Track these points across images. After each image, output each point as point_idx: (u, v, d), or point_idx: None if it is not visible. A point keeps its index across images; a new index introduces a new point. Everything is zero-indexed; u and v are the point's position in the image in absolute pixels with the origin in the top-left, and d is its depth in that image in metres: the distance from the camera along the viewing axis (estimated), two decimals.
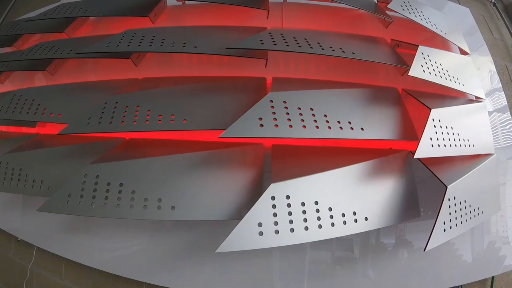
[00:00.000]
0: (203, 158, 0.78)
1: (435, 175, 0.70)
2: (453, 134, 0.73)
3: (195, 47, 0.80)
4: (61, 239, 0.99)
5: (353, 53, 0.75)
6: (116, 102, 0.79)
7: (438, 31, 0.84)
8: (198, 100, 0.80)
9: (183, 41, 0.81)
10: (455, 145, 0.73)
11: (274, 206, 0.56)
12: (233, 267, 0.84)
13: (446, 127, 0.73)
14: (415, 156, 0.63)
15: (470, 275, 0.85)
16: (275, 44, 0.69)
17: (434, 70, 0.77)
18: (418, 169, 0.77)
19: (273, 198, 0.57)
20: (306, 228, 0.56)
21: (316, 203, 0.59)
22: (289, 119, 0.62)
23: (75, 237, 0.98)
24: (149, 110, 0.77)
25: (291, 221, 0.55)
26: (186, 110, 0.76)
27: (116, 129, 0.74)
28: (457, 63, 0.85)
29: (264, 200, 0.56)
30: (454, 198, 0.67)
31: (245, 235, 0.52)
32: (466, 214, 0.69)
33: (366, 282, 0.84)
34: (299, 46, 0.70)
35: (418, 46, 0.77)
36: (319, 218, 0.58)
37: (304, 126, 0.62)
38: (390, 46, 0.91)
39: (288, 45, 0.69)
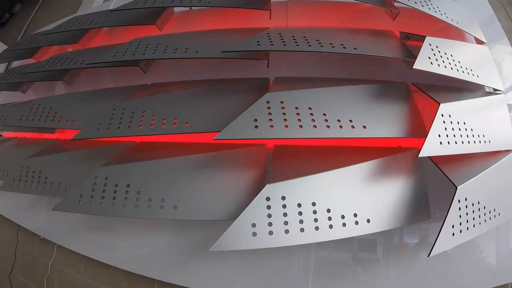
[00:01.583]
0: (206, 160, 0.80)
1: (445, 175, 0.66)
2: (466, 130, 0.69)
3: (197, 52, 0.83)
4: (80, 237, 1.06)
5: (355, 48, 0.73)
6: (124, 108, 0.84)
7: (448, 20, 0.79)
8: (201, 103, 0.82)
9: (185, 46, 0.85)
10: (468, 142, 0.68)
11: (268, 207, 0.56)
12: (254, 266, 0.84)
13: (458, 123, 0.68)
14: (421, 155, 0.60)
15: (495, 279, 0.79)
16: (272, 45, 0.69)
17: (444, 61, 0.72)
18: (434, 168, 0.73)
19: (267, 199, 0.57)
20: (302, 230, 0.56)
21: (314, 204, 0.59)
22: (285, 119, 0.62)
23: (93, 236, 1.05)
24: (154, 115, 0.81)
25: (286, 222, 0.55)
26: (188, 114, 0.79)
27: (124, 134, 0.79)
28: (471, 53, 0.79)
29: (258, 201, 0.56)
30: (466, 199, 0.62)
31: (238, 235, 0.53)
32: (479, 216, 0.64)
33: (386, 284, 0.81)
34: (297, 45, 0.70)
35: (425, 37, 0.73)
36: (316, 220, 0.57)
37: (301, 126, 0.62)
38: (398, 39, 0.88)
39: (285, 45, 0.69)
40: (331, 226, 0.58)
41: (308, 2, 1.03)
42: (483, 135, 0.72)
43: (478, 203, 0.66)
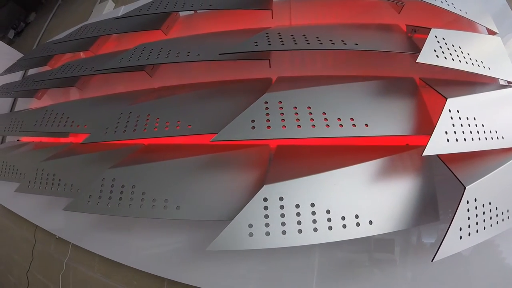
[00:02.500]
0: (208, 161, 0.82)
1: (454, 174, 0.63)
2: (476, 125, 0.65)
3: (198, 55, 0.85)
4: (94, 237, 1.12)
5: (356, 44, 0.72)
6: (130, 112, 0.88)
7: (456, 11, 0.75)
8: (203, 105, 0.84)
9: (187, 50, 0.87)
10: (479, 139, 0.65)
11: (266, 208, 0.57)
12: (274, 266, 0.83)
13: (467, 118, 0.65)
14: (425, 153, 0.57)
15: None
16: (270, 44, 0.70)
17: (451, 54, 0.69)
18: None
19: (265, 199, 0.57)
20: (300, 231, 0.55)
21: (313, 205, 0.58)
22: (283, 119, 0.62)
23: (106, 235, 1.10)
24: (158, 118, 0.84)
25: (283, 223, 0.55)
26: (191, 116, 0.81)
27: (129, 137, 0.83)
28: (482, 45, 0.75)
29: (255, 202, 0.57)
30: (475, 200, 0.59)
31: (235, 235, 0.54)
32: (491, 218, 0.61)
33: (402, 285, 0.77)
34: (295, 44, 0.70)
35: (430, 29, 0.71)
36: (314, 221, 0.57)
37: (299, 126, 0.61)
38: (404, 33, 0.85)
39: (283, 44, 0.70)
40: (330, 228, 0.57)
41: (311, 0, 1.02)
42: (496, 131, 0.68)
43: (490, 203, 0.63)
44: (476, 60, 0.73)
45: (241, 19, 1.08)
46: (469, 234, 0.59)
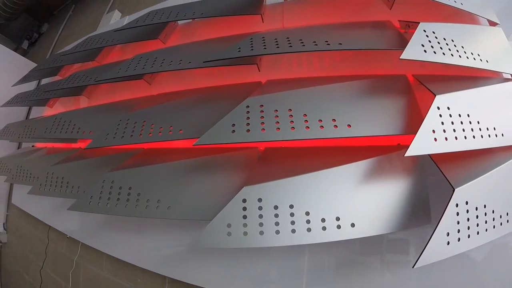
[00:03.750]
0: (199, 163, 0.87)
1: (444, 175, 0.62)
2: (470, 123, 0.63)
3: (190, 62, 0.90)
4: (102, 237, 1.20)
5: (339, 44, 0.72)
6: (128, 119, 0.94)
7: (450, 3, 0.74)
8: (194, 111, 0.89)
9: (179, 58, 0.92)
10: (473, 137, 0.62)
11: (244, 209, 0.59)
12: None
13: (459, 115, 0.63)
14: (407, 154, 0.57)
15: None
16: (252, 49, 0.72)
17: (442, 48, 0.67)
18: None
19: (244, 200, 0.60)
20: (277, 232, 0.57)
21: (291, 206, 0.60)
22: (262, 123, 0.65)
23: (114, 235, 1.18)
24: (152, 124, 0.89)
25: (261, 224, 0.58)
26: (182, 122, 0.86)
27: (127, 142, 0.89)
28: (480, 37, 0.73)
29: (235, 202, 0.60)
30: (466, 203, 0.58)
31: (214, 234, 0.57)
32: (486, 222, 0.59)
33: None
34: (277, 47, 0.72)
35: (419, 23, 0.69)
36: (293, 222, 0.58)
37: (278, 129, 0.64)
38: (396, 29, 0.84)
39: (265, 48, 0.72)
40: (309, 230, 0.58)
41: (303, 2, 1.03)
42: (494, 128, 0.65)
43: (485, 206, 0.61)
44: (472, 53, 0.70)
45: (237, 23, 1.11)
46: (459, 240, 0.57)
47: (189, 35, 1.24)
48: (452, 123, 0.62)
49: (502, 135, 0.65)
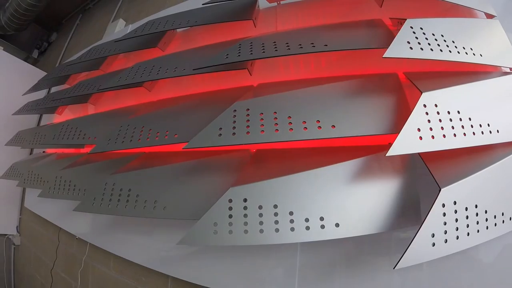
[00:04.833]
0: (193, 166, 0.92)
1: (432, 174, 0.62)
2: (461, 120, 0.62)
3: (184, 69, 0.95)
4: (109, 237, 1.28)
5: (325, 45, 0.74)
6: (128, 125, 1.01)
7: None
8: (188, 116, 0.94)
9: (175, 66, 0.97)
10: (464, 134, 0.62)
11: (230, 208, 0.63)
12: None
13: (448, 112, 0.62)
14: (389, 154, 0.57)
15: None
16: (239, 55, 0.76)
17: (430, 44, 0.66)
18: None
19: (230, 200, 0.64)
20: (261, 231, 0.60)
21: (275, 206, 0.63)
22: (248, 126, 0.68)
23: (120, 236, 1.25)
24: (150, 129, 0.95)
25: (245, 223, 0.61)
26: (178, 126, 0.91)
27: (127, 147, 0.95)
28: (472, 30, 0.72)
29: (221, 202, 0.64)
30: (454, 203, 0.57)
31: (201, 232, 0.61)
32: (478, 223, 0.58)
33: None
34: (263, 52, 0.75)
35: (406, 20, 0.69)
36: (276, 222, 0.61)
37: (263, 131, 0.67)
38: (386, 27, 0.84)
39: (252, 53, 0.75)
40: (292, 229, 0.61)
41: (296, 4, 1.05)
42: (488, 124, 0.64)
43: (476, 206, 0.60)
44: (464, 48, 0.69)
45: (234, 28, 1.16)
46: (446, 241, 0.56)
47: (188, 41, 1.30)
48: (440, 120, 0.62)
49: (497, 131, 0.64)
